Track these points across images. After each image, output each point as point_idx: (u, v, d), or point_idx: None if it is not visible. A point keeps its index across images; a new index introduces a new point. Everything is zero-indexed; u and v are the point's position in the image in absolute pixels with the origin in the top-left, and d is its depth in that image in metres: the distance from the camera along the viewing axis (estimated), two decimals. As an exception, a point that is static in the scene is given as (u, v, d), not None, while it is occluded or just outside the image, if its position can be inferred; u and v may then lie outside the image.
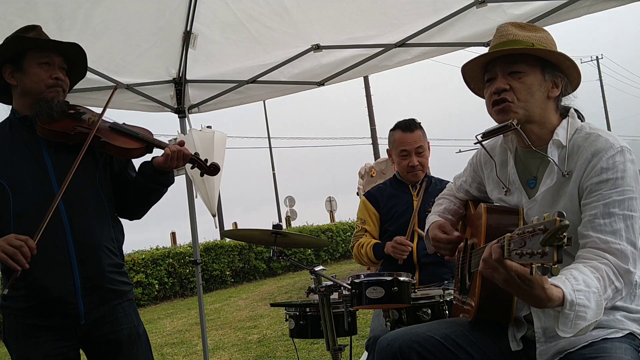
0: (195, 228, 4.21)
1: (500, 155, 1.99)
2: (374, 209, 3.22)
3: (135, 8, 3.25)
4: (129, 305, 2.34)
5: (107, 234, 2.27)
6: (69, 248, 2.14)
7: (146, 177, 2.32)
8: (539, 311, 1.76)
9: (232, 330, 7.72)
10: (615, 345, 1.63)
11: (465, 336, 1.88)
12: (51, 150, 2.21)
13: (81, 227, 2.18)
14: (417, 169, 3.13)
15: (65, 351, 2.17)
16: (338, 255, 16.67)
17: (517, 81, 1.77)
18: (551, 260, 1.27)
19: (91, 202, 2.25)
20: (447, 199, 2.30)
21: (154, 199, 2.43)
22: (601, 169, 1.67)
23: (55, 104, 2.19)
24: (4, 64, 2.20)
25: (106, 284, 2.23)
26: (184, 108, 4.07)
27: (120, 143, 2.27)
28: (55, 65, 2.22)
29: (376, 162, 10.61)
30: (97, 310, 2.21)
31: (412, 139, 3.12)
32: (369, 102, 22.49)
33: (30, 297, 2.12)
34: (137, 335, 2.33)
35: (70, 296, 2.13)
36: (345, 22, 3.52)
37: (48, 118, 2.18)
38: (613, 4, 2.96)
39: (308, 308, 2.79)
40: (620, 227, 1.62)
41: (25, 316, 2.14)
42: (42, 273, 2.09)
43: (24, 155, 2.18)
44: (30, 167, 2.17)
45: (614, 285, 1.57)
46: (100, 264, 2.21)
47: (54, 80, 2.21)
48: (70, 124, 2.22)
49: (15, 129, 2.23)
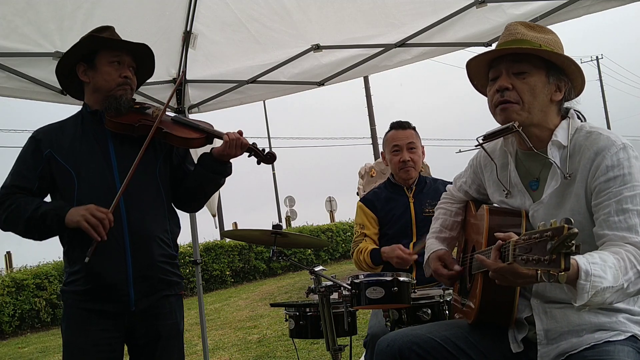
0: (195, 228, 4.21)
1: (500, 157, 1.97)
2: (372, 213, 3.21)
3: (135, 8, 3.25)
4: (176, 300, 2.43)
5: (161, 225, 2.36)
6: (124, 237, 2.23)
7: (205, 167, 2.41)
8: (541, 313, 1.76)
9: (232, 330, 7.73)
10: (617, 348, 1.62)
11: (466, 338, 1.88)
12: (116, 142, 2.33)
13: (137, 217, 2.27)
14: (409, 165, 3.12)
15: (112, 342, 2.26)
16: (338, 255, 16.66)
17: (521, 81, 1.76)
18: (559, 267, 1.26)
19: (149, 194, 2.35)
20: (443, 209, 2.28)
21: (212, 189, 2.51)
22: (607, 167, 1.66)
23: (123, 101, 2.31)
24: (78, 62, 2.33)
25: (157, 274, 2.32)
26: (184, 108, 4.07)
27: (181, 133, 2.37)
28: (125, 64, 2.34)
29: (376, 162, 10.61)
30: (147, 299, 2.30)
31: (404, 135, 3.15)
32: (369, 102, 22.50)
33: (87, 281, 2.22)
34: (177, 331, 2.41)
35: (122, 284, 2.23)
36: (345, 22, 3.52)
37: (116, 112, 2.30)
38: (613, 4, 2.95)
39: (308, 308, 2.79)
40: (635, 223, 1.62)
41: (82, 300, 2.25)
42: (99, 260, 2.18)
43: (91, 145, 2.31)
44: (96, 158, 2.29)
45: (636, 269, 1.55)
46: (152, 254, 2.29)
47: (123, 79, 2.33)
48: (136, 118, 2.33)
49: (86, 121, 2.36)
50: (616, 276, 1.50)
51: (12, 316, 10.81)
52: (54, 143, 2.29)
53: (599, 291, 1.47)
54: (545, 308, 1.76)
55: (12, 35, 3.05)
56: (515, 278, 1.52)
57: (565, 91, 1.80)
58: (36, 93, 3.41)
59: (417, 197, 3.15)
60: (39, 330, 11.09)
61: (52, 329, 11.05)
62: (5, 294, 10.79)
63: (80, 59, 2.33)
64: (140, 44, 2.37)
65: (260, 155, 2.45)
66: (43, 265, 12.08)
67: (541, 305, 1.77)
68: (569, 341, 1.69)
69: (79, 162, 2.27)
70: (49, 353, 8.37)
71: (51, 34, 3.12)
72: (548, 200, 1.78)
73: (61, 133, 2.34)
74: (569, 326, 1.70)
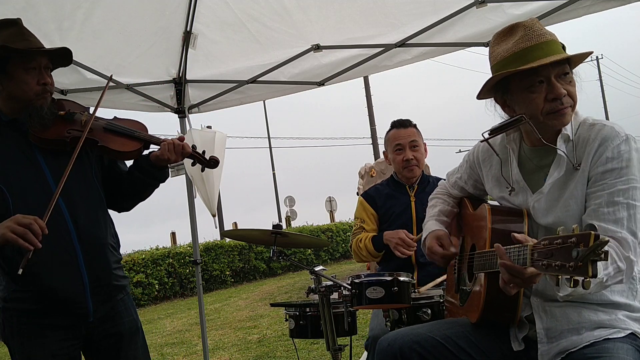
0: (195, 228, 4.21)
1: (501, 154, 1.97)
2: (372, 209, 3.21)
3: (135, 8, 3.25)
4: (128, 298, 2.36)
5: (108, 230, 2.29)
6: (74, 247, 2.12)
7: (142, 172, 2.30)
8: (541, 312, 1.77)
9: (232, 330, 7.72)
10: (617, 346, 1.63)
11: (466, 337, 1.88)
12: (45, 153, 2.17)
13: (84, 225, 2.16)
14: (412, 163, 3.11)
15: (71, 350, 2.17)
16: (338, 255, 16.67)
17: (569, 85, 1.74)
18: (586, 274, 1.25)
19: (92, 200, 2.24)
20: (441, 199, 2.28)
21: (148, 193, 2.42)
22: (607, 159, 1.68)
23: (45, 112, 2.14)
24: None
25: (112, 281, 2.25)
26: (184, 108, 4.07)
27: (118, 146, 2.23)
28: (42, 68, 2.14)
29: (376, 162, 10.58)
30: (104, 306, 2.22)
31: (406, 134, 3.13)
32: (369, 102, 22.50)
33: (39, 299, 2.09)
34: (136, 328, 2.35)
35: (80, 296, 2.13)
36: (345, 22, 3.52)
37: (41, 127, 2.13)
38: (613, 4, 2.96)
39: (308, 308, 2.79)
40: (622, 216, 1.64)
41: (31, 316, 2.11)
42: (50, 274, 2.07)
43: (17, 158, 2.13)
44: (26, 170, 2.12)
45: (616, 264, 1.58)
46: (108, 262, 2.23)
47: (42, 87, 2.13)
48: (64, 129, 2.17)
49: (4, 130, 2.16)
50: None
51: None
52: None
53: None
54: (545, 306, 1.77)
55: (12, 35, 3.05)
56: (528, 282, 1.54)
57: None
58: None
59: (419, 196, 3.14)
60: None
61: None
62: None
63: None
64: (55, 50, 2.17)
65: (203, 161, 2.35)
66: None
67: (541, 304, 1.77)
68: (569, 339, 1.70)
69: (9, 177, 2.08)
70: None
71: (51, 34, 3.11)
72: (549, 190, 1.78)
73: None
74: (569, 324, 1.71)
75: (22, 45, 2.10)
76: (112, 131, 2.27)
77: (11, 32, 2.13)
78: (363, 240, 3.12)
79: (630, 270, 1.62)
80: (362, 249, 3.12)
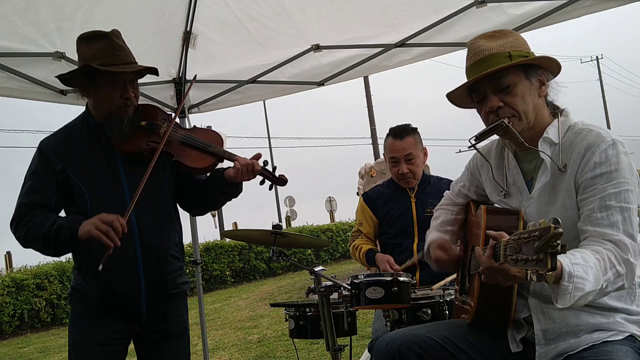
0: (195, 228, 4.21)
1: (496, 158, 1.99)
2: (371, 212, 3.23)
3: (135, 8, 3.25)
4: (182, 300, 2.45)
5: (172, 240, 2.37)
6: (136, 256, 2.23)
7: (215, 187, 2.36)
8: (539, 313, 1.77)
9: (232, 330, 7.73)
10: (616, 348, 1.63)
11: (464, 338, 1.88)
12: (125, 162, 2.28)
13: (149, 234, 2.26)
14: (408, 177, 3.11)
15: (119, 343, 2.27)
16: (338, 255, 16.67)
17: (509, 96, 1.78)
18: (545, 267, 1.27)
19: (160, 210, 2.33)
20: (444, 209, 2.29)
21: (220, 204, 2.52)
22: (595, 164, 1.68)
23: (125, 124, 2.24)
24: (77, 75, 2.22)
25: (170, 290, 2.35)
26: (184, 108, 4.07)
27: (192, 161, 2.30)
28: (126, 83, 2.23)
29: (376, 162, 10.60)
30: (158, 307, 2.32)
31: (402, 147, 3.10)
32: (369, 102, 22.51)
33: (101, 298, 2.23)
34: (184, 329, 2.43)
35: (135, 301, 2.25)
36: (345, 22, 3.52)
37: (120, 137, 2.23)
38: (613, 4, 2.95)
39: (308, 308, 2.79)
40: (617, 220, 1.63)
41: (90, 306, 2.25)
42: (112, 278, 2.20)
43: (100, 162, 2.26)
44: (106, 176, 2.25)
45: (615, 269, 1.57)
46: (165, 272, 2.32)
47: (124, 101, 2.24)
48: (143, 141, 2.27)
49: (93, 134, 2.29)
50: (597, 277, 1.52)
51: (12, 316, 10.82)
52: (64, 157, 2.23)
53: (583, 296, 1.50)
54: (543, 308, 1.77)
55: (12, 35, 3.05)
56: (506, 279, 1.55)
57: (546, 81, 1.83)
58: (36, 93, 3.41)
59: (419, 197, 3.15)
60: (39, 330, 11.09)
61: (52, 329, 11.06)
62: (5, 294, 10.80)
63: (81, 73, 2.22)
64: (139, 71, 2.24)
65: (272, 179, 2.36)
66: (43, 266, 12.08)
67: (539, 305, 1.77)
68: (567, 342, 1.70)
69: (90, 179, 2.23)
70: (49, 353, 8.37)
71: (51, 34, 3.12)
72: (538, 195, 1.79)
73: (69, 145, 2.26)
74: (567, 327, 1.71)
75: (107, 61, 2.17)
76: (188, 145, 2.34)
77: (101, 46, 2.20)
78: (359, 251, 3.20)
79: (631, 274, 1.60)
80: (357, 257, 3.24)
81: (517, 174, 1.90)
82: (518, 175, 1.89)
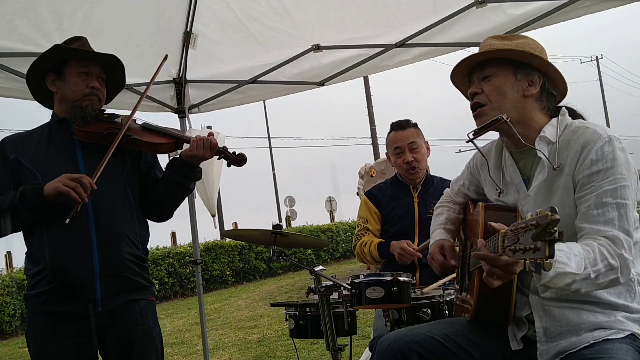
0: (195, 228, 4.21)
1: (495, 157, 2.00)
2: (376, 208, 3.21)
3: (135, 8, 3.25)
4: (147, 305, 2.39)
5: (129, 225, 2.35)
6: (91, 234, 2.23)
7: (174, 170, 2.39)
8: (540, 311, 1.77)
9: (232, 330, 7.73)
10: (616, 346, 1.63)
11: (466, 336, 1.88)
12: (85, 150, 2.33)
13: (104, 215, 2.27)
14: (413, 165, 3.11)
15: (81, 348, 2.22)
16: (338, 255, 16.67)
17: (488, 84, 1.84)
18: (543, 254, 1.28)
19: (117, 197, 2.34)
20: (446, 207, 2.30)
21: (181, 195, 2.48)
22: (591, 161, 1.68)
23: (89, 110, 2.30)
24: (48, 72, 2.34)
25: (125, 272, 2.30)
26: (184, 108, 4.07)
27: (149, 139, 2.37)
28: (93, 75, 2.33)
29: (376, 162, 10.61)
30: (115, 299, 2.27)
31: (404, 136, 3.13)
32: (369, 102, 22.51)
33: (51, 279, 2.20)
34: (150, 337, 2.36)
35: (89, 280, 2.21)
36: (345, 22, 3.52)
37: (82, 122, 2.29)
38: (613, 4, 2.95)
39: (308, 308, 2.79)
40: (613, 216, 1.64)
41: (45, 302, 2.22)
42: (63, 256, 2.19)
43: (58, 151, 2.31)
44: (63, 161, 2.29)
45: (607, 262, 1.58)
46: (120, 251, 2.28)
47: (90, 89, 2.32)
48: (104, 126, 2.33)
49: (53, 131, 2.36)
50: (579, 264, 1.53)
51: (12, 316, 10.81)
52: (19, 148, 2.29)
53: (567, 283, 1.52)
54: (544, 305, 1.77)
55: (12, 35, 3.05)
56: (505, 271, 1.54)
57: (540, 84, 1.83)
58: (36, 93, 3.41)
59: (422, 197, 3.14)
60: (39, 330, 11.08)
61: (52, 329, 11.02)
62: (6, 294, 10.79)
63: (49, 69, 2.33)
64: (108, 55, 2.36)
65: (230, 157, 2.43)
66: (43, 265, 12.08)
67: (540, 303, 1.78)
68: (568, 340, 1.70)
69: (44, 166, 2.26)
70: (49, 353, 8.35)
71: (51, 34, 3.11)
72: (535, 193, 1.80)
73: (28, 140, 2.34)
74: (568, 325, 1.71)
75: (76, 45, 2.32)
76: (146, 129, 2.43)
77: (75, 46, 2.34)
78: (368, 245, 3.12)
79: (626, 270, 1.61)
80: (366, 253, 3.13)
81: (514, 172, 1.91)
82: (515, 174, 1.90)
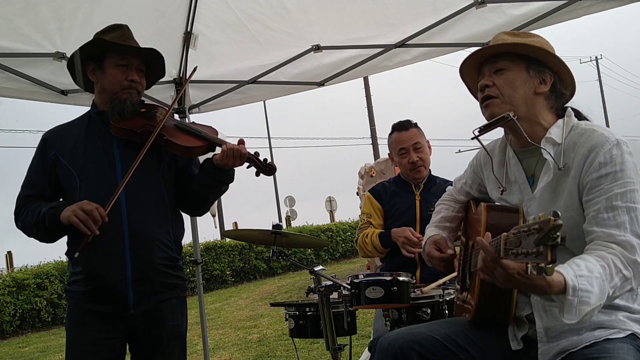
0: (195, 228, 4.21)
1: (499, 155, 1.99)
2: (379, 204, 3.23)
3: (135, 8, 3.25)
4: (178, 302, 2.41)
5: (163, 227, 2.35)
6: (124, 239, 2.23)
7: (206, 174, 2.39)
8: (541, 311, 1.77)
9: (232, 330, 7.73)
10: (617, 346, 1.63)
11: (466, 336, 1.88)
12: (121, 146, 2.33)
13: (138, 219, 2.27)
14: (419, 165, 3.13)
15: (111, 342, 2.26)
16: (338, 255, 16.67)
17: (500, 77, 1.83)
18: (545, 259, 1.27)
19: (151, 196, 2.33)
20: (445, 205, 2.30)
21: (214, 195, 2.49)
22: (599, 164, 1.67)
23: (127, 105, 2.30)
24: (88, 61, 2.34)
25: (157, 277, 2.31)
26: (184, 108, 4.07)
27: (182, 141, 2.35)
28: (132, 67, 2.33)
29: (376, 162, 10.61)
30: (147, 301, 2.28)
31: (408, 136, 3.15)
32: (369, 102, 22.52)
33: (87, 282, 2.25)
34: (177, 333, 2.39)
35: (121, 285, 2.23)
36: (345, 23, 3.53)
37: (119, 117, 2.29)
38: (612, 4, 2.96)
39: (308, 308, 2.79)
40: (624, 220, 1.62)
41: (82, 300, 2.27)
42: (99, 262, 2.22)
43: (95, 147, 2.32)
44: (100, 159, 2.30)
45: (622, 274, 1.56)
46: (152, 257, 2.28)
47: (129, 82, 2.32)
48: (139, 123, 2.32)
49: (92, 122, 2.37)
50: (603, 288, 1.51)
51: (12, 316, 10.82)
52: (58, 144, 2.31)
53: (589, 310, 1.49)
54: (545, 306, 1.76)
55: (12, 35, 3.06)
56: (507, 277, 1.49)
57: (551, 83, 1.83)
58: (36, 93, 3.41)
59: (424, 196, 3.15)
60: (40, 329, 11.10)
61: (53, 328, 11.06)
62: (6, 294, 10.80)
63: (90, 58, 2.33)
64: (148, 50, 2.36)
65: (260, 167, 2.41)
66: (44, 265, 12.09)
67: (541, 303, 1.77)
68: (569, 339, 1.69)
69: (81, 164, 2.27)
70: (50, 353, 8.38)
71: (51, 34, 3.12)
72: (540, 195, 1.79)
73: (67, 134, 2.35)
74: (569, 324, 1.70)
75: (116, 35, 2.32)
76: (180, 129, 2.41)
77: (115, 35, 2.34)
78: (370, 235, 3.12)
79: (638, 276, 1.59)
80: (367, 244, 3.12)
81: (518, 170, 1.90)
82: (519, 172, 1.90)
